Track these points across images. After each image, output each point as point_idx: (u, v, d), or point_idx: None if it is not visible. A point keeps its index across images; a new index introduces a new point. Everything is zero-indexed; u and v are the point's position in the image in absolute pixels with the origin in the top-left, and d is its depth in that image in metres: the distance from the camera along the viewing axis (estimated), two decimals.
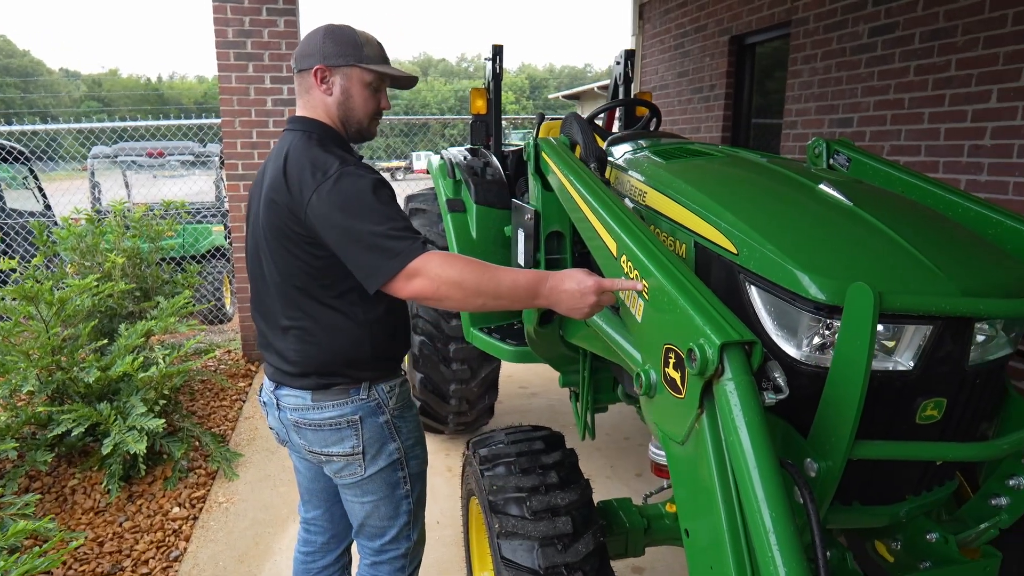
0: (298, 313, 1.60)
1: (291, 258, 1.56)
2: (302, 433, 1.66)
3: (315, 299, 1.58)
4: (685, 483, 1.23)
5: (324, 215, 1.47)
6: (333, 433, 1.63)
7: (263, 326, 1.70)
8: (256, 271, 1.67)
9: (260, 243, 1.63)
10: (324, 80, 1.60)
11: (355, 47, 1.59)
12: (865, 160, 2.23)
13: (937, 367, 1.38)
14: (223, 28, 4.52)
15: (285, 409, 1.67)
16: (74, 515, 2.95)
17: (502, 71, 3.44)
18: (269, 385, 1.71)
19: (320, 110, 1.62)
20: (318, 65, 1.58)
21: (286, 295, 1.60)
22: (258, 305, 1.70)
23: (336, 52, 1.58)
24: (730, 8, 5.13)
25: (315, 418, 1.62)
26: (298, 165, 1.52)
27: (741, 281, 1.54)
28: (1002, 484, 1.61)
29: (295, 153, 1.55)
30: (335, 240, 1.47)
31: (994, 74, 3.07)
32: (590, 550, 1.58)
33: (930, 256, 1.42)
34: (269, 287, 1.63)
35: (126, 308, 4.15)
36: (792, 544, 0.96)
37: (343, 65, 1.59)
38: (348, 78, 1.60)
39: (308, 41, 1.61)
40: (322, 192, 1.47)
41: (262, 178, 1.64)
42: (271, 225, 1.57)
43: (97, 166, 6.51)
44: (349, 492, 1.72)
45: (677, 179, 1.89)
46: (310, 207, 1.48)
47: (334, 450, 1.64)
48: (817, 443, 1.32)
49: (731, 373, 1.09)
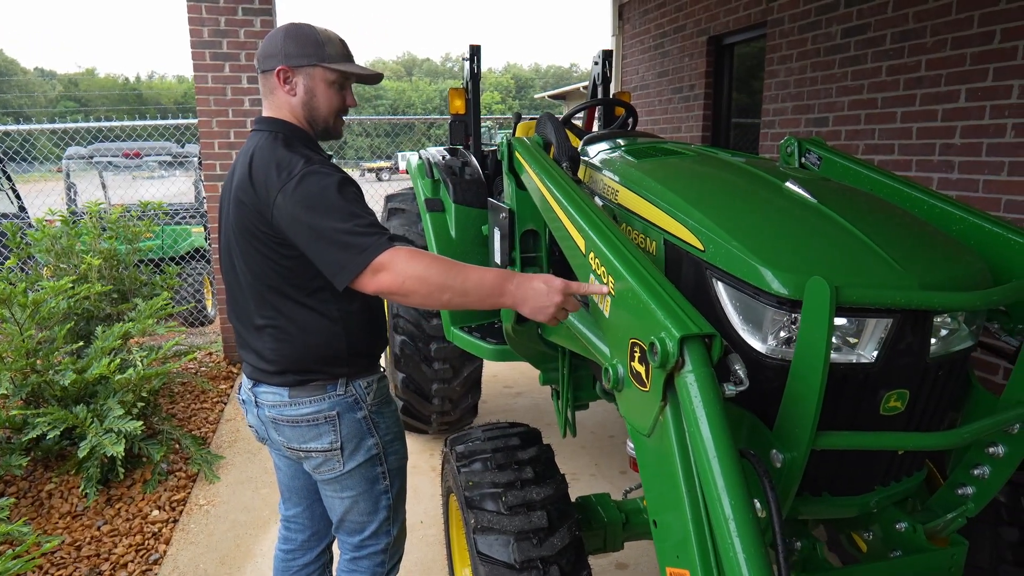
0: (272, 312, 1.61)
1: (261, 258, 1.57)
2: (280, 429, 1.67)
3: (288, 297, 1.59)
4: (652, 475, 1.25)
5: (290, 214, 1.48)
6: (311, 429, 1.64)
7: (239, 326, 1.72)
8: (229, 272, 1.68)
9: (231, 244, 1.64)
10: (287, 81, 1.61)
11: (317, 46, 1.60)
12: (835, 159, 2.28)
13: (899, 359, 1.41)
14: (198, 28, 4.50)
15: (263, 406, 1.68)
16: (51, 519, 2.92)
17: (480, 71, 3.46)
18: (247, 383, 1.72)
19: (285, 110, 1.64)
20: (280, 66, 1.59)
21: (259, 294, 1.61)
22: (233, 306, 1.71)
23: (298, 52, 1.59)
24: (707, 9, 5.18)
25: (292, 414, 1.64)
26: (263, 165, 1.53)
27: (708, 277, 1.57)
28: (968, 474, 1.65)
29: (260, 153, 1.56)
30: (302, 239, 1.49)
31: (962, 74, 3.13)
32: (565, 544, 1.60)
33: (889, 251, 1.45)
34: (242, 287, 1.65)
35: (103, 310, 4.11)
36: (751, 532, 0.99)
37: (305, 65, 1.60)
38: (311, 78, 1.61)
39: (269, 42, 1.62)
40: (287, 191, 1.48)
41: (231, 179, 1.65)
42: (240, 226, 1.58)
43: (72, 167, 6.44)
44: (328, 488, 1.74)
45: (648, 178, 1.92)
46: (276, 207, 1.49)
47: (312, 446, 1.66)
48: (781, 434, 1.35)
49: (691, 365, 1.11)
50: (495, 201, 2.35)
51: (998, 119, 2.98)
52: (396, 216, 3.41)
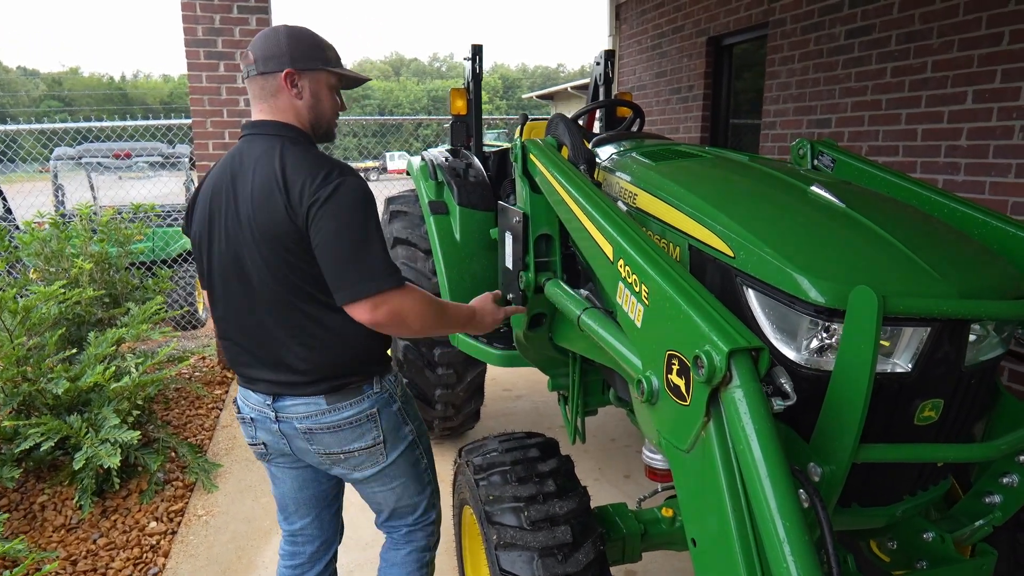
0: (304, 321, 1.57)
1: (290, 266, 1.52)
2: (316, 438, 1.63)
3: (322, 304, 1.56)
4: (691, 492, 1.21)
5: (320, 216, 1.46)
6: (353, 430, 1.64)
7: (246, 343, 1.63)
8: (234, 288, 1.59)
9: (240, 257, 1.56)
10: (294, 84, 1.57)
11: (320, 50, 1.60)
12: (849, 161, 2.25)
13: (934, 368, 1.38)
14: (192, 26, 4.40)
15: (290, 420, 1.63)
16: (44, 533, 2.84)
17: (482, 71, 3.41)
18: (261, 399, 1.65)
19: (290, 113, 1.60)
20: (288, 68, 1.56)
21: (285, 304, 1.56)
22: (237, 323, 1.63)
23: (304, 55, 1.57)
24: (707, 9, 5.16)
25: (332, 420, 1.61)
26: (298, 167, 1.50)
27: (738, 284, 1.53)
28: (995, 482, 1.62)
29: (288, 156, 1.52)
30: (318, 243, 1.48)
31: (969, 76, 3.12)
32: (590, 559, 1.56)
33: (925, 258, 1.42)
34: (256, 302, 1.58)
35: (95, 315, 4.01)
36: (807, 553, 0.95)
37: (312, 69, 1.58)
38: (316, 82, 1.60)
39: (269, 43, 1.57)
40: (322, 196, 1.47)
41: (231, 190, 1.56)
42: (264, 235, 1.51)
43: (60, 168, 6.30)
44: (373, 484, 1.74)
45: (668, 181, 1.88)
46: (312, 208, 1.47)
47: (355, 446, 1.65)
48: (821, 447, 1.32)
49: (739, 380, 1.07)
50: (506, 204, 2.30)
51: (1006, 121, 2.97)
52: (398, 219, 3.35)
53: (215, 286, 1.63)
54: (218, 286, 1.62)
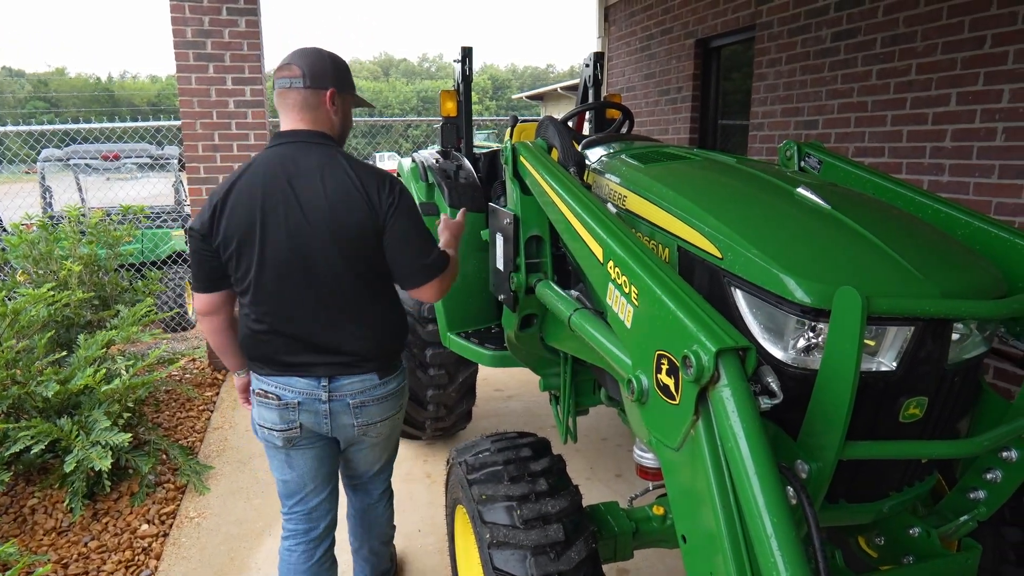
0: (365, 307, 1.83)
1: (362, 260, 1.78)
2: (364, 410, 1.87)
3: (378, 292, 1.86)
4: (681, 489, 1.23)
5: (401, 223, 1.77)
6: (394, 400, 1.94)
7: (301, 333, 1.80)
8: (295, 281, 1.75)
9: (312, 255, 1.74)
10: (333, 103, 1.82)
11: (350, 76, 1.90)
12: (836, 163, 2.28)
13: (919, 367, 1.41)
14: (181, 28, 4.39)
15: (343, 397, 1.84)
16: (35, 536, 2.82)
17: (472, 73, 3.42)
18: (312, 383, 1.82)
19: (326, 125, 1.83)
20: (333, 89, 1.81)
21: (354, 294, 1.80)
22: (293, 315, 1.79)
23: (344, 81, 1.86)
24: (695, 12, 5.20)
25: (383, 392, 1.89)
26: (370, 178, 1.77)
27: (726, 285, 1.55)
28: (980, 478, 1.65)
29: (355, 165, 1.79)
30: (398, 245, 1.79)
31: (952, 78, 3.17)
32: (583, 557, 1.57)
33: (908, 258, 1.45)
34: (323, 293, 1.77)
35: (84, 317, 3.99)
36: (794, 549, 0.97)
37: (346, 92, 1.87)
38: (347, 103, 1.89)
39: (317, 62, 1.80)
40: (395, 199, 1.77)
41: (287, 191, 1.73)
42: (347, 235, 1.74)
43: (48, 169, 6.26)
44: (381, 445, 2.02)
45: (657, 183, 1.90)
46: (393, 215, 1.76)
47: (389, 414, 1.94)
48: (808, 444, 1.34)
49: (727, 379, 1.09)
50: (496, 206, 2.32)
51: (989, 123, 3.02)
52: None
53: (266, 282, 1.76)
54: (271, 282, 1.76)
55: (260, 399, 1.86)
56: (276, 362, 1.81)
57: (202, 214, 1.76)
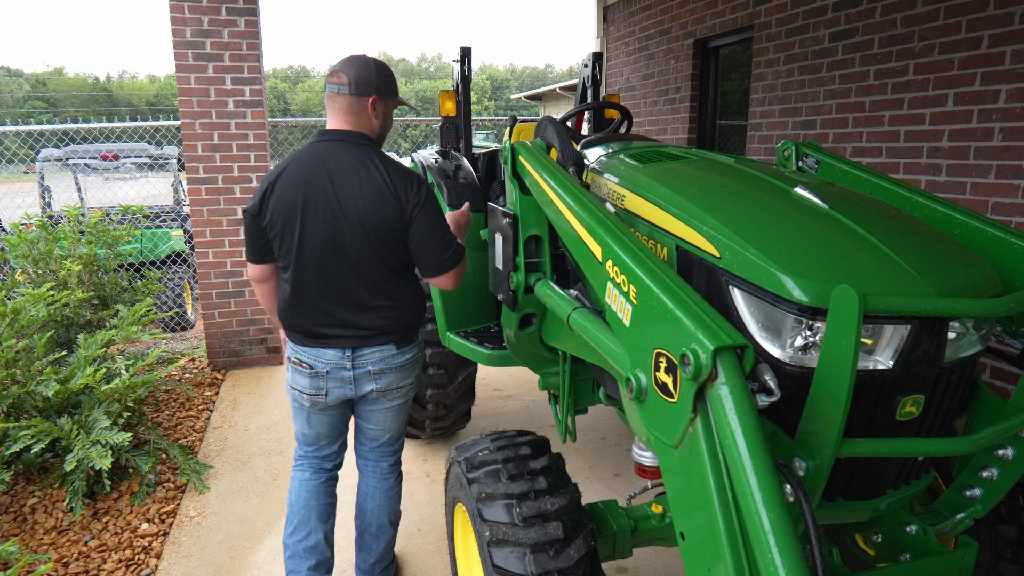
0: (389, 289, 2.06)
1: (389, 251, 2.01)
2: (383, 376, 2.12)
3: (401, 276, 2.09)
4: (679, 487, 1.24)
5: (425, 218, 2.00)
6: (410, 369, 2.18)
7: (332, 308, 2.05)
8: (329, 265, 2.01)
9: (344, 242, 1.98)
10: (375, 108, 2.05)
11: (395, 83, 2.11)
12: (833, 162, 2.29)
13: (915, 365, 1.42)
14: (181, 28, 4.39)
15: (365, 365, 2.10)
16: (35, 535, 2.83)
17: (471, 73, 3.42)
18: (339, 353, 2.08)
19: (367, 127, 2.07)
20: (374, 96, 2.03)
21: (379, 278, 2.03)
22: (326, 293, 2.04)
23: (387, 89, 2.07)
24: (693, 12, 5.21)
25: (399, 361, 2.14)
26: (401, 177, 1.99)
27: (724, 284, 1.56)
28: (976, 476, 1.67)
29: (387, 165, 2.01)
30: (422, 238, 2.01)
31: (950, 78, 3.18)
32: (582, 554, 1.58)
33: (905, 257, 1.46)
34: (353, 276, 2.02)
35: (83, 317, 3.99)
36: (791, 545, 0.98)
37: (388, 98, 2.08)
38: (388, 107, 2.10)
39: (363, 71, 2.03)
40: (429, 199, 2.01)
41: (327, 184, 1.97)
42: (374, 226, 1.97)
43: (47, 169, 6.25)
44: (393, 412, 2.24)
45: (656, 183, 1.91)
46: (419, 211, 1.99)
47: (406, 382, 2.19)
48: (805, 442, 1.35)
49: (725, 377, 1.10)
50: (495, 206, 2.32)
51: (986, 123, 3.03)
52: None
53: (303, 262, 2.02)
54: (311, 262, 2.01)
55: (294, 366, 2.13)
56: (309, 333, 2.07)
57: (254, 197, 2.04)
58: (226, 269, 4.80)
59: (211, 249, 4.75)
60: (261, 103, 4.63)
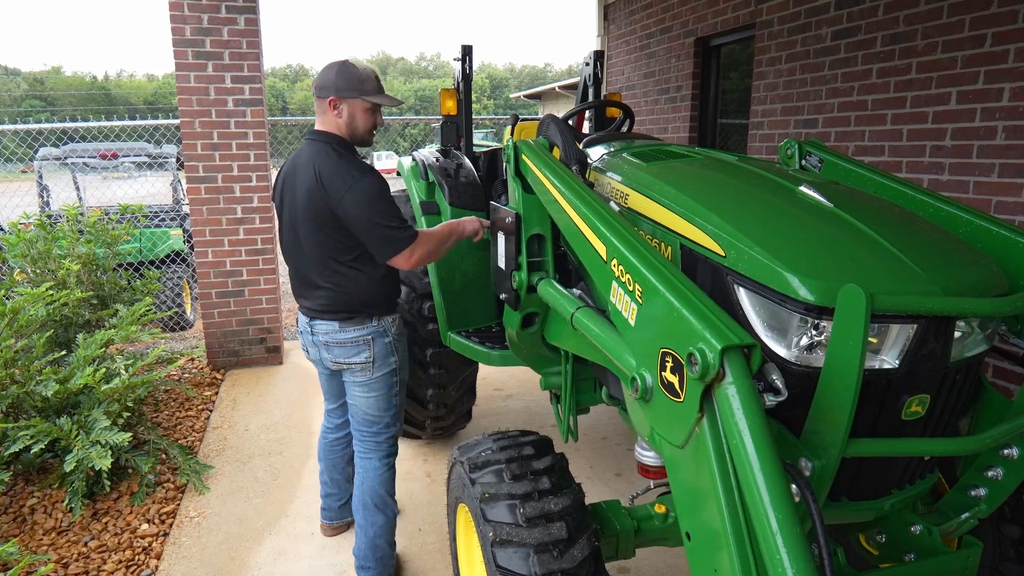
0: (330, 274, 2.26)
1: (325, 237, 2.20)
2: (330, 349, 2.35)
3: (342, 263, 2.24)
4: (685, 486, 1.23)
5: (351, 210, 2.12)
6: (355, 347, 2.33)
7: (298, 284, 2.38)
8: (292, 247, 2.33)
9: (297, 227, 2.25)
10: (335, 107, 2.21)
11: (359, 82, 2.20)
12: (837, 161, 2.28)
13: (921, 365, 1.41)
14: (180, 25, 4.38)
15: (318, 334, 2.35)
16: (35, 536, 2.81)
17: (472, 71, 3.41)
18: (304, 319, 2.40)
19: (332, 126, 2.25)
20: (333, 96, 2.19)
21: (321, 263, 2.25)
22: (295, 269, 2.37)
23: (348, 87, 2.19)
24: (695, 11, 5.20)
25: (340, 338, 2.32)
26: (330, 172, 2.14)
27: (729, 283, 1.55)
28: (981, 476, 1.66)
29: (326, 161, 2.17)
30: (358, 227, 2.15)
31: (953, 77, 3.17)
32: (586, 555, 1.57)
33: (911, 257, 1.45)
34: (305, 258, 2.28)
35: (82, 317, 3.98)
36: (799, 545, 0.97)
37: (349, 97, 2.20)
38: (352, 106, 2.22)
39: (325, 74, 2.22)
40: (351, 192, 2.11)
41: (294, 177, 2.24)
42: (309, 215, 2.19)
43: (45, 168, 6.23)
44: (359, 389, 2.40)
45: (659, 181, 1.90)
46: (343, 203, 2.12)
47: (353, 360, 2.35)
48: (811, 442, 1.34)
49: (732, 377, 1.09)
50: (498, 205, 2.32)
51: (989, 121, 3.02)
52: None
53: (284, 243, 2.37)
54: (286, 244, 2.37)
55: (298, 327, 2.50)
56: (296, 297, 2.43)
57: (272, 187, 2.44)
58: (225, 268, 4.78)
59: (210, 248, 4.74)
60: (261, 101, 4.61)
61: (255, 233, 4.78)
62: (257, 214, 4.75)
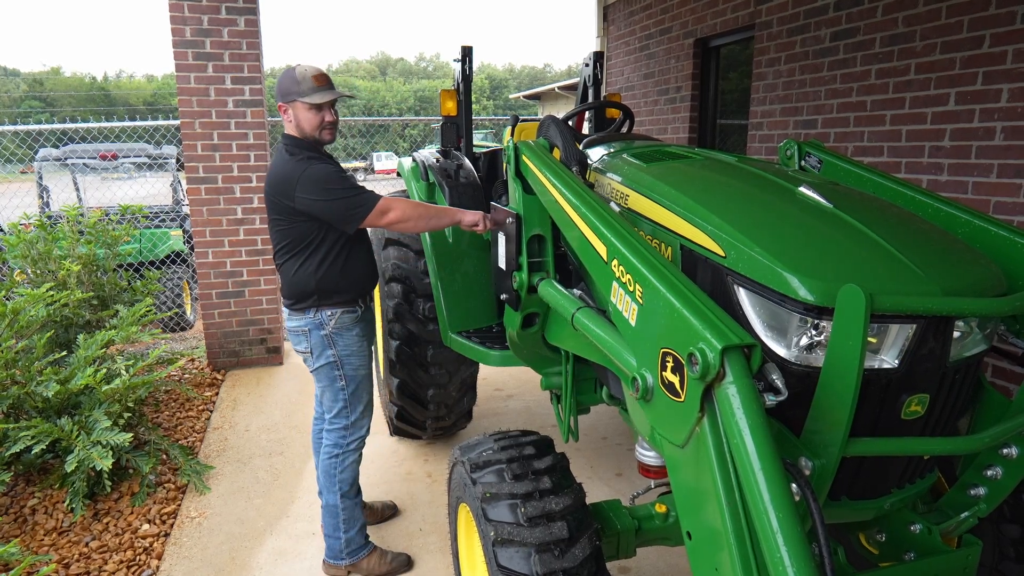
0: (280, 261, 2.46)
1: (277, 229, 2.41)
2: (288, 335, 2.55)
3: (279, 254, 2.45)
4: (686, 486, 1.24)
5: (306, 199, 2.28)
6: (295, 336, 2.50)
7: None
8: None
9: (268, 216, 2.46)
10: (285, 112, 2.40)
11: (295, 84, 2.34)
12: (836, 161, 2.29)
13: (920, 364, 1.42)
14: (180, 27, 4.38)
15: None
16: (36, 536, 2.82)
17: (472, 72, 3.42)
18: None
19: (289, 129, 2.43)
20: (279, 103, 2.39)
21: (276, 251, 2.46)
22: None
23: (284, 92, 2.36)
24: (694, 11, 5.21)
25: (290, 325, 2.51)
26: (278, 171, 2.35)
27: (729, 283, 1.56)
28: (980, 475, 1.66)
29: (277, 161, 2.37)
30: (319, 208, 2.29)
31: (951, 78, 3.18)
32: (587, 554, 1.58)
33: (910, 257, 1.46)
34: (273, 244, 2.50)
35: (83, 317, 3.98)
36: (800, 544, 0.98)
37: (288, 101, 2.36)
38: (295, 108, 2.37)
39: (277, 83, 2.38)
40: (300, 184, 2.27)
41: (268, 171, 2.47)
42: (271, 211, 2.39)
43: (45, 169, 6.23)
44: (316, 376, 2.56)
45: (659, 182, 1.90)
46: (297, 197, 2.28)
47: (298, 348, 2.52)
48: (811, 442, 1.35)
49: (732, 377, 1.10)
50: (498, 205, 2.32)
51: (987, 122, 3.03)
52: None
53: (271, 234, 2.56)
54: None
55: None
56: None
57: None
58: (226, 269, 4.79)
59: (211, 249, 4.74)
60: (261, 102, 4.62)
61: (255, 234, 4.79)
62: (257, 215, 4.75)
